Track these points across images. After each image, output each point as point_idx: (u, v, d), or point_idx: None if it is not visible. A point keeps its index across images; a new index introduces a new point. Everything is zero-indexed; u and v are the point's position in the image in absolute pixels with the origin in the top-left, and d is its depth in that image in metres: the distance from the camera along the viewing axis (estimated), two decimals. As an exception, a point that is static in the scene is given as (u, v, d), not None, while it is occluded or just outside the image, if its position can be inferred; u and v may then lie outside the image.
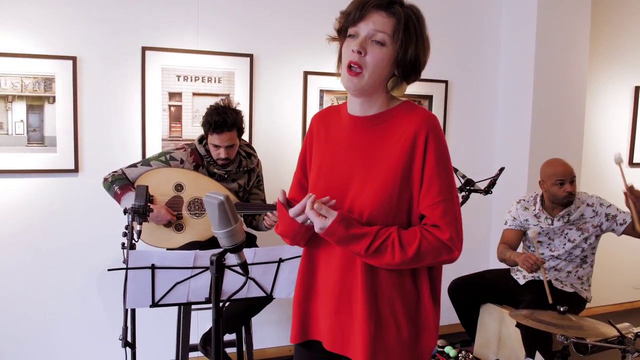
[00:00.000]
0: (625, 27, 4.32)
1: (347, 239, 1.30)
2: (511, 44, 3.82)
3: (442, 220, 1.31)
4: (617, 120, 4.39)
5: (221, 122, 2.58)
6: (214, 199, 1.16)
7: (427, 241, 1.31)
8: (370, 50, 1.31)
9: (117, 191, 2.55)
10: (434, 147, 1.32)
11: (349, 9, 1.35)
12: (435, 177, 1.32)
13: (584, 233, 2.96)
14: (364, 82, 1.32)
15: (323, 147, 1.48)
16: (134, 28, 2.95)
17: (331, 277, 1.40)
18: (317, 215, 1.30)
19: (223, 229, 1.20)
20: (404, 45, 1.32)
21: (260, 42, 3.22)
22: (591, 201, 2.99)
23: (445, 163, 1.35)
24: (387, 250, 1.30)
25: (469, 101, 3.86)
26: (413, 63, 1.35)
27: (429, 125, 1.33)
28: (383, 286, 1.36)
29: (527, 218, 3.07)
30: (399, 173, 1.33)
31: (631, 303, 4.62)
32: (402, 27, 1.31)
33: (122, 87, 2.96)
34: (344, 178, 1.40)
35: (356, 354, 1.35)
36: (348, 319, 1.38)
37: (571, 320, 2.38)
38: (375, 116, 1.40)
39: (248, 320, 2.78)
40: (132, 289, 1.97)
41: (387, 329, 1.35)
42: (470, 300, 3.20)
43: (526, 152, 3.67)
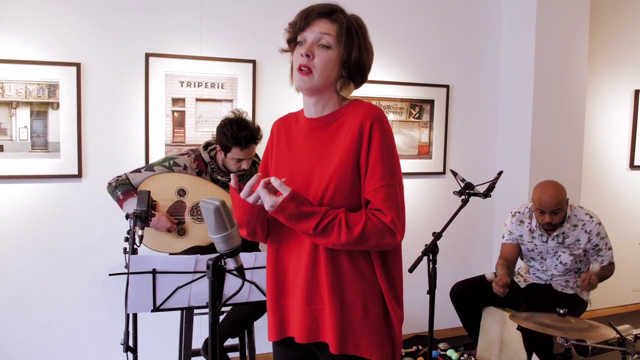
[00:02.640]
0: (624, 31, 4.33)
1: (296, 217, 1.36)
2: (511, 49, 3.84)
3: (384, 204, 1.38)
4: (617, 123, 4.39)
5: (249, 137, 2.61)
6: (210, 204, 1.18)
7: (371, 223, 1.37)
8: (318, 54, 1.41)
9: (120, 196, 2.58)
10: (378, 135, 1.40)
11: (294, 20, 1.48)
12: (378, 164, 1.39)
13: (576, 258, 2.96)
14: (315, 81, 1.41)
15: (283, 151, 1.55)
16: (137, 35, 2.98)
17: (300, 271, 1.45)
18: (268, 192, 1.36)
19: (219, 233, 1.23)
20: (348, 48, 1.42)
21: (263, 48, 3.24)
22: (590, 228, 2.90)
23: (388, 150, 1.42)
24: (334, 230, 1.36)
25: (470, 106, 3.87)
26: (358, 64, 1.44)
27: (373, 115, 1.42)
28: (344, 271, 1.42)
29: (522, 234, 3.04)
30: (349, 162, 1.40)
31: (633, 305, 4.62)
32: (345, 31, 1.42)
33: (125, 93, 3.00)
34: (303, 177, 1.47)
35: (327, 336, 1.42)
36: (319, 307, 1.43)
37: (571, 323, 2.39)
38: (328, 116, 1.48)
39: (250, 325, 2.79)
40: (134, 293, 1.99)
41: (353, 311, 1.41)
42: (472, 303, 3.21)
43: (527, 157, 3.68)
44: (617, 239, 4.28)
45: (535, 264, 3.08)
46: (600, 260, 2.93)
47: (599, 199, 4.29)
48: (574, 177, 3.79)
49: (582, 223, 2.91)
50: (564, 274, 3.00)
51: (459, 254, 3.87)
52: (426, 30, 3.69)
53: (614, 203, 4.40)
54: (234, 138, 2.61)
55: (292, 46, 1.51)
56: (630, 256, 4.32)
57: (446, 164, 3.77)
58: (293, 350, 1.55)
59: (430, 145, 3.74)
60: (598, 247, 2.92)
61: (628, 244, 4.27)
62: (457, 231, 2.63)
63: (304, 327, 1.45)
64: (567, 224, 2.91)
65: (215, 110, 3.15)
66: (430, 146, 3.73)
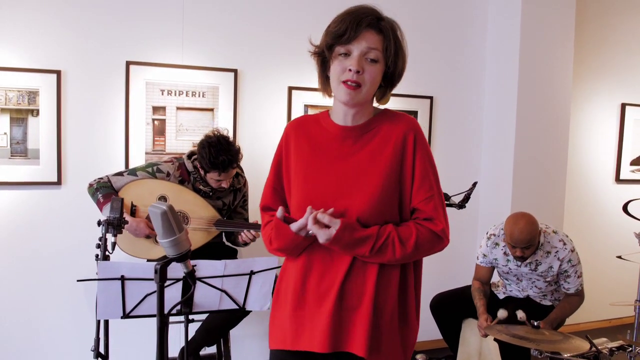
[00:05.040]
0: (610, 44, 4.35)
1: (351, 244, 1.39)
2: (495, 61, 3.86)
3: (435, 213, 1.44)
4: (603, 137, 4.40)
5: (227, 162, 2.59)
6: (157, 208, 1.19)
7: (422, 235, 1.43)
8: (367, 69, 1.40)
9: (100, 199, 2.58)
10: (421, 147, 1.46)
11: (341, 29, 1.38)
12: (425, 175, 1.45)
13: (550, 284, 2.92)
14: (362, 95, 1.42)
15: (306, 156, 1.51)
16: (118, 42, 3.00)
17: (330, 279, 1.45)
18: (321, 227, 1.38)
19: (167, 238, 1.23)
20: (394, 60, 1.44)
21: (244, 58, 3.26)
22: (562, 255, 2.82)
23: (431, 161, 1.49)
24: (389, 248, 1.40)
25: (454, 117, 3.88)
26: (399, 75, 1.49)
27: (415, 128, 1.48)
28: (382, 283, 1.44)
29: (496, 257, 2.97)
30: (392, 175, 1.44)
31: (615, 320, 4.59)
32: (392, 43, 1.42)
33: (106, 100, 3.01)
34: (337, 186, 1.46)
35: (355, 344, 1.41)
36: (349, 314, 1.43)
37: (545, 335, 2.39)
38: (363, 125, 1.49)
39: (226, 333, 2.79)
40: (103, 300, 1.98)
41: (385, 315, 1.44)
42: (452, 315, 3.19)
43: (510, 169, 3.68)
44: (600, 253, 4.30)
45: (511, 283, 3.06)
46: (567, 287, 2.87)
47: (584, 212, 4.29)
48: (558, 190, 3.79)
49: (555, 250, 2.83)
50: (540, 295, 2.99)
51: (440, 266, 3.85)
52: (410, 41, 3.67)
53: (599, 217, 4.40)
54: (212, 163, 2.58)
55: (328, 54, 1.44)
56: (612, 270, 4.31)
57: (429, 174, 3.77)
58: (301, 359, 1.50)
59: (413, 156, 3.74)
60: (567, 273, 2.83)
61: (611, 258, 4.25)
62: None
63: (328, 336, 1.42)
64: (540, 252, 2.83)
65: (196, 119, 3.16)
66: (413, 157, 3.74)
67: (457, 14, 3.84)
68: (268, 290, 2.19)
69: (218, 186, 2.70)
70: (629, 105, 4.43)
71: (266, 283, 2.17)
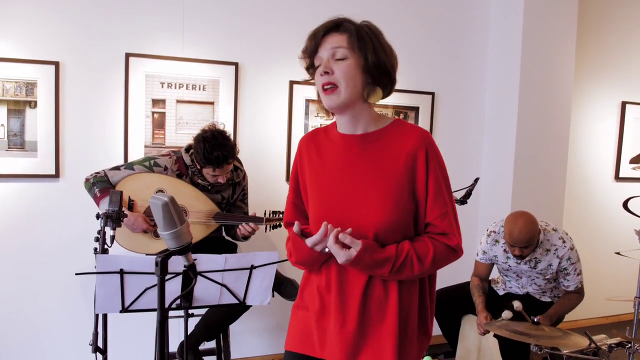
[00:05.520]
0: (611, 42, 4.35)
1: (371, 266, 1.38)
2: (498, 57, 3.84)
3: (450, 229, 1.44)
4: (603, 135, 4.39)
5: (222, 157, 2.55)
6: (158, 199, 1.17)
7: (439, 250, 1.43)
8: (336, 67, 1.38)
9: (97, 194, 2.55)
10: (434, 162, 1.42)
11: (305, 45, 1.44)
12: (439, 190, 1.43)
13: (550, 281, 2.93)
14: (342, 95, 1.38)
15: (318, 169, 1.51)
16: (118, 34, 2.97)
17: (352, 294, 1.45)
18: (341, 247, 1.35)
19: (168, 230, 1.21)
20: (363, 52, 1.38)
21: (246, 51, 3.24)
22: (561, 253, 2.82)
23: (445, 176, 1.47)
24: (407, 267, 1.40)
25: (455, 113, 3.87)
26: (377, 66, 1.40)
27: (427, 141, 1.43)
28: (404, 297, 1.46)
29: (496, 254, 2.98)
30: (405, 190, 1.41)
31: (613, 317, 4.60)
32: (356, 37, 1.38)
33: (105, 93, 2.98)
34: (347, 198, 1.44)
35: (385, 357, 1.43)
36: (374, 329, 1.45)
37: (545, 331, 2.38)
38: (369, 135, 1.45)
39: (226, 328, 2.77)
40: (102, 294, 1.96)
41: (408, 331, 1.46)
42: (452, 311, 3.19)
43: (511, 165, 3.67)
44: (599, 250, 4.30)
45: (511, 280, 3.05)
46: (567, 285, 2.87)
47: (583, 210, 4.29)
48: (558, 188, 3.79)
49: (555, 248, 2.82)
50: (539, 292, 2.99)
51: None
52: (413, 36, 3.69)
53: (598, 214, 4.40)
54: (206, 158, 2.56)
55: (312, 72, 1.46)
56: (611, 267, 4.31)
57: (429, 170, 3.76)
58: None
59: (414, 151, 3.73)
60: (567, 270, 2.83)
61: (609, 255, 4.26)
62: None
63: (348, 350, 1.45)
64: (540, 249, 2.83)
65: (196, 113, 3.13)
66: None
67: (459, 11, 3.82)
68: (268, 285, 2.17)
69: (214, 181, 2.68)
70: (629, 104, 4.42)
71: (267, 278, 2.16)
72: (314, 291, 1.53)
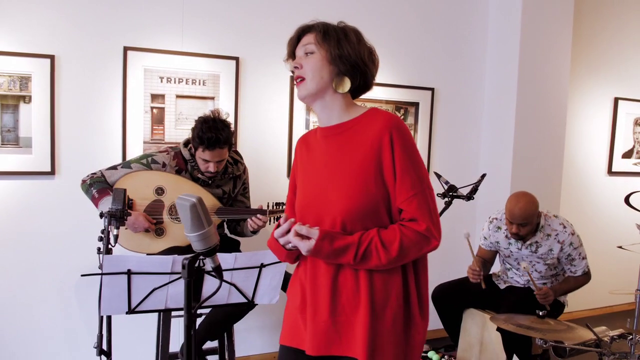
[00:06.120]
0: (606, 40, 4.40)
1: (333, 254, 1.38)
2: (496, 54, 3.85)
3: (417, 213, 1.40)
4: (597, 130, 4.45)
5: (214, 139, 2.50)
6: (186, 200, 1.13)
7: (406, 237, 1.38)
8: (304, 62, 1.47)
9: (95, 195, 2.49)
10: (400, 144, 1.40)
11: (286, 50, 1.56)
12: (406, 173, 1.40)
13: (550, 267, 2.97)
14: (308, 86, 1.46)
15: (306, 166, 1.57)
16: (115, 27, 2.89)
17: (323, 284, 1.46)
18: (301, 239, 1.39)
19: (196, 231, 1.17)
20: (328, 45, 1.46)
21: (246, 45, 3.18)
22: (562, 238, 2.89)
23: (413, 158, 1.42)
24: (373, 254, 1.37)
25: (455, 109, 3.87)
26: (341, 56, 1.45)
27: (392, 124, 1.41)
28: (378, 285, 1.42)
29: (498, 240, 3.04)
30: (370, 176, 1.40)
31: (610, 307, 4.69)
32: (322, 33, 1.47)
33: (102, 87, 2.90)
34: (320, 190, 1.47)
35: (356, 349, 1.42)
36: (342, 318, 1.44)
37: (549, 324, 2.41)
38: (341, 124, 1.49)
39: (230, 327, 2.73)
40: (107, 295, 1.91)
41: (385, 320, 1.42)
42: (453, 305, 3.21)
43: (509, 161, 3.69)
44: (594, 243, 4.35)
45: (512, 268, 3.09)
46: (574, 270, 2.93)
47: (578, 204, 4.34)
48: (554, 182, 3.81)
49: (555, 233, 2.88)
50: (540, 280, 3.01)
51: (440, 257, 3.85)
52: (412, 32, 3.67)
53: (593, 208, 4.45)
54: (199, 137, 2.52)
55: None
56: (608, 259, 4.37)
57: (430, 166, 3.76)
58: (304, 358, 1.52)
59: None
60: (571, 257, 2.90)
61: (605, 248, 4.32)
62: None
63: (323, 340, 1.45)
64: (540, 234, 2.89)
65: (196, 108, 3.07)
66: (413, 148, 3.72)
67: (459, 7, 3.81)
68: (278, 283, 2.14)
69: (205, 169, 2.61)
70: (622, 100, 4.48)
71: (276, 276, 2.12)
72: (297, 284, 1.57)
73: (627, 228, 4.38)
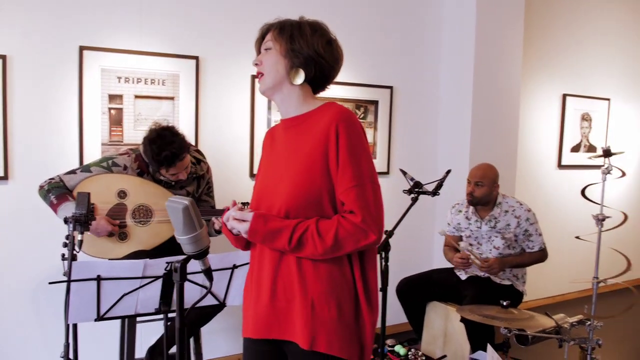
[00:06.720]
0: (555, 40, 4.61)
1: (269, 236, 1.41)
2: (452, 53, 3.96)
3: (355, 205, 1.40)
4: (548, 125, 4.66)
5: (170, 156, 2.44)
6: (178, 203, 1.12)
7: (343, 228, 1.39)
8: (263, 58, 1.53)
9: (54, 200, 2.39)
10: (345, 136, 1.41)
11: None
12: (347, 165, 1.41)
13: (507, 242, 3.12)
14: (266, 80, 1.51)
15: (268, 157, 1.61)
16: (70, 26, 2.79)
17: (265, 270, 1.49)
18: (239, 222, 1.44)
19: (188, 234, 1.16)
20: (282, 40, 1.50)
21: (206, 45, 3.14)
22: (519, 214, 3.12)
23: (356, 151, 1.43)
24: (309, 242, 1.39)
25: (413, 106, 3.95)
26: (293, 50, 1.49)
27: (340, 117, 1.43)
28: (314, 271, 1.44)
29: (459, 221, 3.26)
30: (316, 167, 1.42)
31: (567, 295, 4.93)
32: (278, 29, 1.52)
33: (57, 88, 2.79)
34: (275, 180, 1.50)
35: (296, 334, 1.44)
36: (282, 304, 1.46)
37: (513, 314, 2.51)
38: (298, 117, 1.53)
39: (198, 330, 2.70)
40: (75, 302, 1.85)
41: (327, 310, 1.42)
42: (417, 299, 3.28)
43: (466, 156, 3.81)
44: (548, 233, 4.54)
45: (473, 249, 3.18)
46: (532, 245, 3.13)
47: (531, 196, 4.52)
48: (509, 176, 3.96)
49: (513, 209, 3.13)
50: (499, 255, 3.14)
51: (403, 251, 3.94)
52: (370, 31, 3.72)
53: (545, 200, 4.66)
54: (155, 161, 2.46)
55: None
56: (562, 249, 4.59)
57: (390, 163, 3.83)
58: (262, 345, 1.54)
59: (375, 145, 3.78)
60: (528, 232, 3.11)
61: (559, 238, 4.54)
62: (400, 228, 2.70)
63: (264, 323, 1.48)
64: (498, 209, 3.13)
65: (156, 108, 3.01)
66: (375, 146, 3.78)
67: (415, 6, 3.89)
68: (249, 284, 2.14)
69: (176, 179, 2.59)
70: (569, 96, 4.71)
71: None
72: (249, 272, 1.60)
73: (580, 219, 4.62)
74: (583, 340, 2.46)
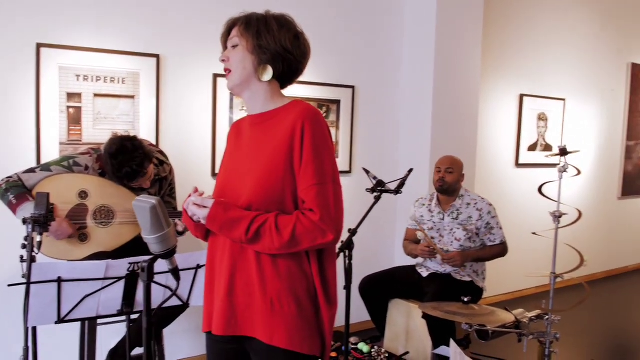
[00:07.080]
0: (512, 41, 4.77)
1: (227, 224, 1.40)
2: (413, 54, 4.04)
3: (314, 203, 1.41)
4: (506, 125, 4.81)
5: (133, 172, 2.40)
6: (145, 202, 1.11)
7: (301, 224, 1.39)
8: (230, 55, 1.52)
9: (13, 200, 2.32)
10: (309, 135, 1.42)
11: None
12: (310, 163, 1.42)
13: (469, 234, 3.20)
14: (234, 77, 1.50)
15: (232, 151, 1.60)
16: (27, 22, 2.71)
17: (223, 264, 1.48)
18: (199, 207, 1.42)
19: (155, 234, 1.16)
20: (248, 36, 1.49)
21: (167, 43, 3.10)
22: (481, 206, 3.22)
23: (319, 150, 1.44)
24: (266, 235, 1.39)
25: (375, 106, 4.01)
26: (260, 46, 1.48)
27: (306, 115, 1.44)
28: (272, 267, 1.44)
29: (422, 214, 3.34)
30: (280, 164, 1.43)
31: (525, 290, 5.10)
32: (243, 25, 1.50)
33: (13, 86, 2.71)
34: (239, 175, 1.50)
35: (256, 329, 1.44)
36: (240, 300, 1.46)
37: (474, 310, 2.57)
38: (265, 114, 1.53)
39: (160, 332, 2.67)
40: (35, 305, 1.81)
41: (285, 305, 1.43)
42: (379, 296, 3.32)
43: (427, 155, 3.89)
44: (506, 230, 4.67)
45: (434, 242, 3.25)
46: (493, 238, 3.23)
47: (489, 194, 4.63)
48: (469, 174, 4.05)
49: (475, 202, 3.24)
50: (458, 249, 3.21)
51: (365, 249, 3.99)
52: (332, 31, 3.76)
53: (504, 199, 4.80)
54: (117, 177, 2.43)
55: None
56: (519, 246, 4.72)
57: (352, 162, 3.87)
58: (225, 343, 1.53)
59: (337, 144, 3.82)
60: (490, 225, 3.21)
61: (517, 235, 4.68)
62: (363, 227, 2.75)
63: (223, 320, 1.46)
64: (460, 201, 3.24)
65: (116, 107, 2.96)
66: (337, 145, 3.82)
67: (376, 6, 3.95)
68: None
69: (139, 187, 2.55)
70: (526, 96, 4.87)
71: (212, 277, 2.11)
72: (207, 267, 1.59)
73: (536, 217, 4.78)
74: (542, 335, 2.53)
